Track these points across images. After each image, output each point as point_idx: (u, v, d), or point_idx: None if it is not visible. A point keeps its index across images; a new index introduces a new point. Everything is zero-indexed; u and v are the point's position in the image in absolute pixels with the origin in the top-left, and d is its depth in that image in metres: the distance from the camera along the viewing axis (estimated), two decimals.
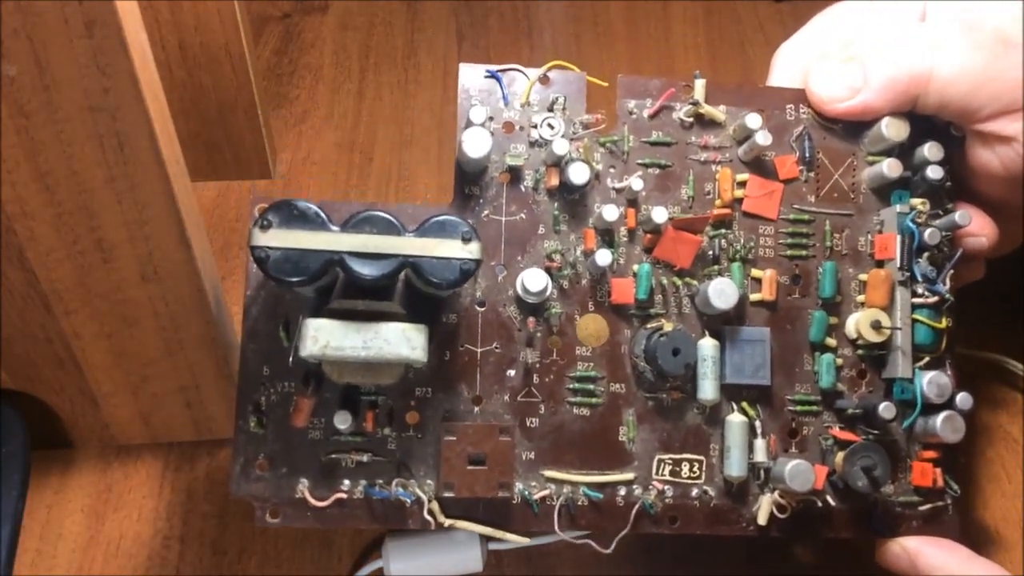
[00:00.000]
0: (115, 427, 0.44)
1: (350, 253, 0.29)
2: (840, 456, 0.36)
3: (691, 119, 0.38)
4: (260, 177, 0.54)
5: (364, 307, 0.31)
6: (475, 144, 0.34)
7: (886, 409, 0.36)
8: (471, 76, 0.37)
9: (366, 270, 0.29)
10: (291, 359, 0.34)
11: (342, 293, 0.33)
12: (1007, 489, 0.46)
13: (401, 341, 0.30)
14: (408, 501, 0.34)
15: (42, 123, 0.30)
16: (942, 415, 0.36)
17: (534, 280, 0.35)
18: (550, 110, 0.37)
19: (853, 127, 0.39)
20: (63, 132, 0.31)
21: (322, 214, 0.30)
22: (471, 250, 0.30)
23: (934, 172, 0.37)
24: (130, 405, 0.43)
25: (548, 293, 0.35)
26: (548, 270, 0.35)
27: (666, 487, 0.36)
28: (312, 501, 0.33)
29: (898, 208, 0.37)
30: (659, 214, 0.36)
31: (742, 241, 0.37)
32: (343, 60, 0.60)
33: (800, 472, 0.35)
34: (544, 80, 0.37)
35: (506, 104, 0.37)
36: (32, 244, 0.35)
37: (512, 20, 0.63)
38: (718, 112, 0.38)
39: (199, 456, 0.45)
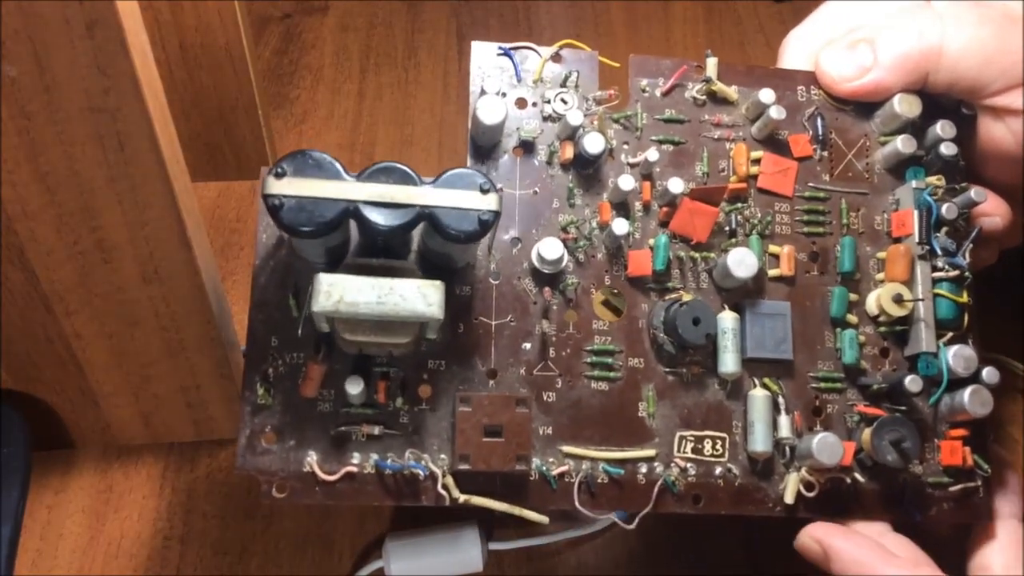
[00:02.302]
0: (116, 427, 0.44)
1: (366, 202, 0.29)
2: (867, 432, 0.35)
3: (704, 97, 0.38)
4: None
5: (379, 264, 0.31)
6: (490, 111, 0.34)
7: (912, 382, 0.34)
8: (483, 53, 0.37)
9: (382, 220, 0.29)
10: (299, 329, 0.33)
11: (357, 252, 0.32)
12: None
13: (417, 297, 0.29)
14: (421, 474, 0.32)
15: (43, 124, 0.30)
16: (969, 389, 0.35)
17: (550, 249, 0.34)
18: (563, 86, 0.37)
19: (865, 108, 0.39)
20: (64, 133, 0.31)
21: (337, 164, 0.29)
22: (489, 201, 0.29)
23: (948, 148, 0.37)
24: (131, 405, 0.42)
25: (564, 263, 0.34)
26: (564, 243, 0.35)
27: (689, 465, 0.34)
28: (321, 475, 0.32)
29: (914, 184, 0.37)
30: (676, 185, 0.35)
31: (759, 216, 0.37)
32: (343, 60, 0.60)
33: (828, 445, 0.34)
34: (556, 58, 0.37)
35: (519, 81, 0.36)
36: (33, 245, 0.34)
37: (512, 20, 0.64)
38: (731, 90, 0.38)
39: (200, 456, 0.44)
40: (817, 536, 0.34)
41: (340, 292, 0.29)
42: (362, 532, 0.42)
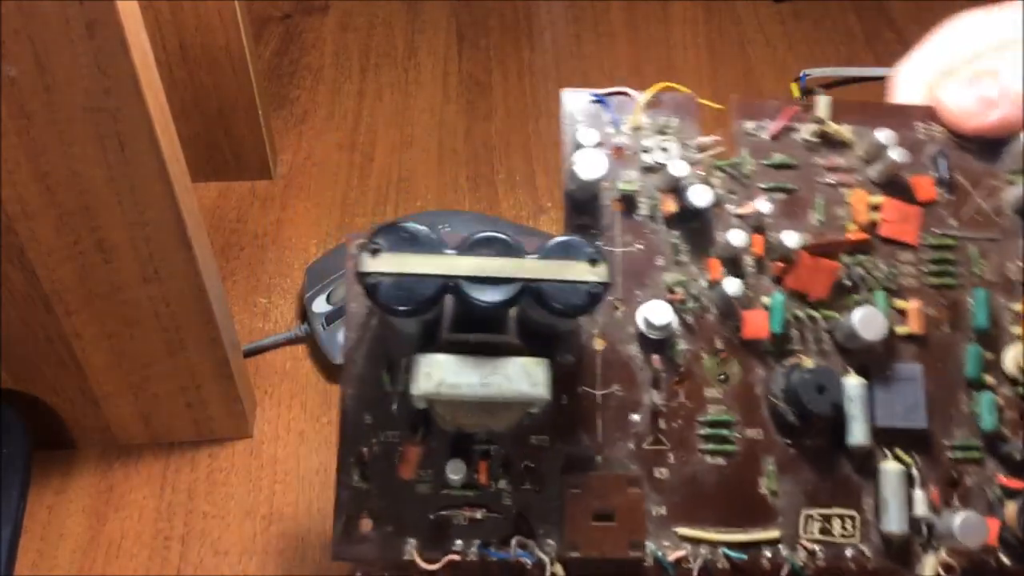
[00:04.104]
0: (116, 427, 0.44)
1: (466, 277, 0.27)
2: (1012, 507, 0.32)
3: (816, 139, 0.35)
4: (260, 178, 0.54)
5: (477, 340, 0.29)
6: (589, 166, 0.31)
7: None
8: (575, 101, 0.34)
9: (485, 296, 0.27)
10: (394, 405, 0.31)
11: (452, 327, 0.30)
12: None
13: (522, 377, 0.27)
14: (529, 563, 0.30)
15: (43, 124, 0.30)
16: None
17: (658, 313, 0.31)
18: (661, 133, 0.34)
19: (990, 144, 0.35)
20: (64, 133, 0.31)
21: (434, 235, 0.27)
22: (599, 273, 0.27)
23: None
24: (131, 405, 0.43)
25: (673, 328, 0.32)
26: (670, 303, 0.32)
27: (817, 547, 0.31)
28: (422, 564, 0.30)
29: None
30: (791, 238, 0.32)
31: (883, 269, 0.34)
32: (343, 61, 0.60)
33: (973, 526, 0.30)
34: (653, 102, 0.35)
35: (616, 128, 0.34)
36: (33, 245, 0.34)
37: (512, 20, 0.63)
38: (845, 131, 0.35)
39: (199, 456, 0.44)
40: None
41: (441, 374, 0.27)
42: None
